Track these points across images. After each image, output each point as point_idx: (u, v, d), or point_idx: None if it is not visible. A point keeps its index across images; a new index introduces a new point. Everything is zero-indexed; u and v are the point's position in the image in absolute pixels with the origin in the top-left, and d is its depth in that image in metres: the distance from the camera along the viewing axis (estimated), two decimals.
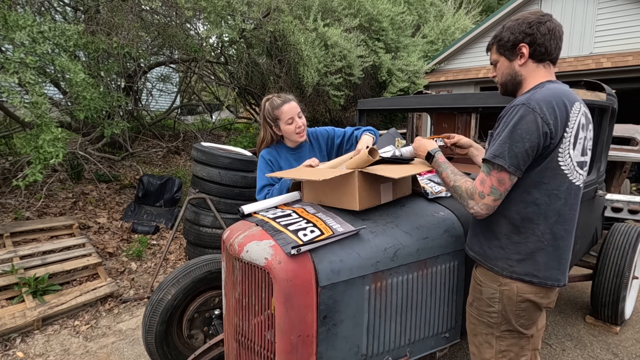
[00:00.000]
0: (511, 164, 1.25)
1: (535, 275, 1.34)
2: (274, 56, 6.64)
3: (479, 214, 1.34)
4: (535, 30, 1.32)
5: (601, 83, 2.40)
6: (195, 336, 2.22)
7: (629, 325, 2.97)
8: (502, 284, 1.38)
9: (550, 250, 1.33)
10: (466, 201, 1.36)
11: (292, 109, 1.98)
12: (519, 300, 1.36)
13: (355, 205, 1.54)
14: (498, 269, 1.39)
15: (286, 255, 1.32)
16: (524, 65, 1.38)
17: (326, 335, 1.38)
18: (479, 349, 1.49)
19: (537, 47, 1.33)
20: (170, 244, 3.83)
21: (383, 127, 10.65)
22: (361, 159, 1.52)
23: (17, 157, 4.46)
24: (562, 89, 1.32)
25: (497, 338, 1.43)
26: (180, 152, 7.22)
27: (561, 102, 1.26)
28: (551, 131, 1.24)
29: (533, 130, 1.23)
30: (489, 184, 1.31)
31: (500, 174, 1.29)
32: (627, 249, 2.70)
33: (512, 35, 1.36)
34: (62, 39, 3.49)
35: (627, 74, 7.57)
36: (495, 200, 1.31)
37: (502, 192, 1.30)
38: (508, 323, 1.40)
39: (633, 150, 4.59)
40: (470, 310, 1.52)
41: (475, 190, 1.33)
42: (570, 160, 1.29)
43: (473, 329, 1.52)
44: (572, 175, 1.31)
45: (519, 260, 1.35)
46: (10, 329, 2.70)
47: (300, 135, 2.04)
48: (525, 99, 1.28)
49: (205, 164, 3.58)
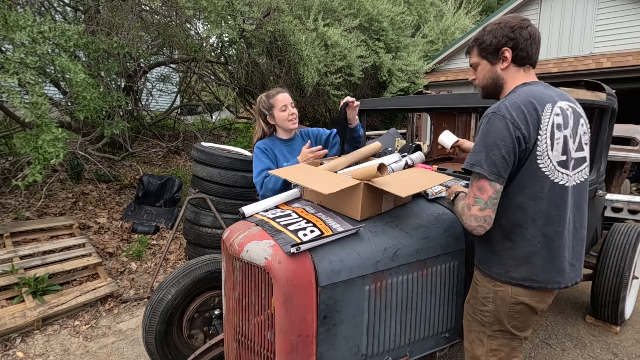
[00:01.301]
0: (491, 172, 1.26)
1: (534, 279, 1.34)
2: (274, 56, 6.64)
3: (471, 227, 1.33)
4: (518, 35, 1.33)
5: (601, 83, 2.40)
6: (195, 336, 2.22)
7: (629, 325, 2.97)
8: (497, 284, 1.40)
9: (544, 252, 1.33)
10: (461, 219, 1.38)
11: (285, 98, 2.15)
12: (513, 302, 1.37)
13: (357, 215, 1.55)
14: (495, 275, 1.40)
15: (286, 255, 1.32)
16: (506, 69, 1.39)
17: (326, 335, 1.38)
18: (471, 345, 1.52)
19: (520, 51, 1.35)
20: (170, 244, 3.83)
21: (383, 127, 10.65)
22: (369, 172, 1.50)
23: (17, 157, 4.46)
24: (534, 91, 1.31)
25: (489, 337, 1.44)
26: (180, 152, 7.22)
27: (530, 106, 1.27)
28: (524, 135, 1.25)
29: (506, 136, 1.24)
30: (472, 194, 1.32)
31: (480, 181, 1.30)
32: (627, 249, 2.70)
33: (495, 39, 1.36)
34: (62, 39, 3.49)
35: (627, 74, 7.57)
36: (481, 210, 1.29)
37: (485, 200, 1.29)
38: (500, 323, 1.41)
39: (633, 150, 4.59)
40: (467, 308, 1.55)
41: (464, 204, 1.36)
42: (550, 161, 1.30)
43: (468, 325, 1.54)
44: (553, 175, 1.31)
45: (514, 266, 1.35)
46: (10, 329, 2.70)
47: (293, 122, 2.18)
48: (495, 107, 1.30)
49: (205, 164, 3.58)
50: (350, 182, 1.48)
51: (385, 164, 1.56)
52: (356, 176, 1.55)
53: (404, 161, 1.91)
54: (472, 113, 4.40)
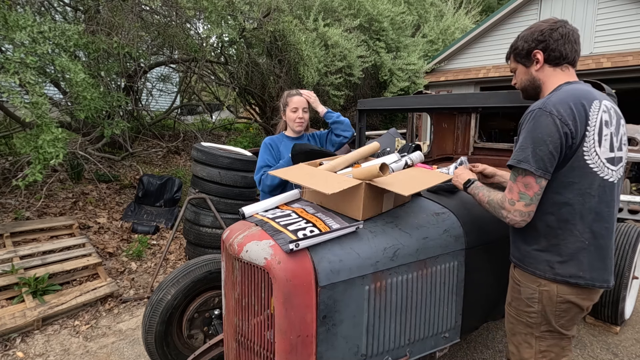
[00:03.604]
0: (538, 167, 1.27)
1: (581, 276, 1.33)
2: (274, 56, 6.64)
3: (514, 221, 1.35)
4: (548, 37, 1.38)
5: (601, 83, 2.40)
6: (195, 336, 2.22)
7: (629, 325, 2.97)
8: (541, 284, 1.38)
9: (592, 249, 1.32)
10: (500, 212, 1.39)
11: (300, 102, 2.36)
12: (559, 301, 1.36)
13: (358, 215, 1.55)
14: (540, 272, 1.38)
15: (286, 255, 1.32)
16: (540, 70, 1.44)
17: (326, 335, 1.38)
18: (518, 348, 1.49)
19: (551, 52, 1.39)
20: (170, 244, 3.83)
21: (383, 127, 10.65)
22: (370, 172, 1.50)
23: (17, 157, 4.46)
24: (580, 89, 1.33)
25: (537, 338, 1.43)
26: (180, 152, 7.22)
27: (578, 102, 1.28)
28: (571, 131, 1.26)
29: (553, 131, 1.25)
30: (516, 190, 1.33)
31: (526, 178, 1.30)
32: (627, 249, 2.70)
33: (526, 43, 1.43)
34: (62, 39, 3.49)
35: (627, 74, 7.57)
36: (526, 206, 1.32)
37: (531, 196, 1.30)
38: (548, 324, 1.39)
39: (633, 150, 4.58)
40: (509, 310, 1.53)
41: (505, 198, 1.36)
42: (598, 157, 1.30)
43: (512, 328, 1.52)
44: (602, 172, 1.31)
45: (561, 262, 1.34)
46: (10, 329, 2.70)
47: (298, 125, 2.38)
48: (541, 103, 1.31)
49: (205, 164, 3.58)
50: (352, 182, 1.48)
51: (387, 164, 1.56)
52: (358, 176, 1.55)
53: (404, 161, 1.91)
54: (472, 113, 4.40)
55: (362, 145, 2.46)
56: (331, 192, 1.38)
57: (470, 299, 1.83)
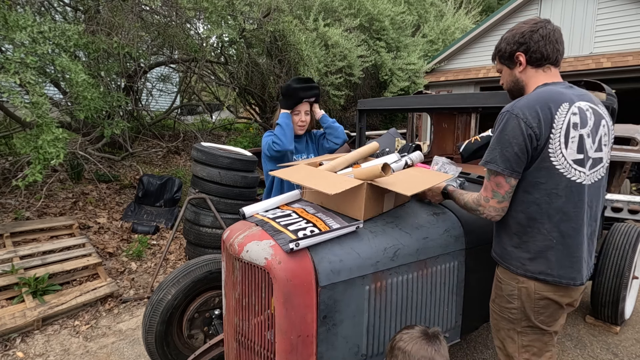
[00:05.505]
0: (505, 167, 1.33)
1: (549, 274, 1.37)
2: (274, 56, 6.63)
3: (490, 216, 1.42)
4: (528, 39, 1.40)
5: (601, 83, 2.39)
6: (195, 336, 2.22)
7: (629, 325, 2.97)
8: (520, 281, 1.42)
9: (560, 248, 1.36)
10: (477, 209, 1.46)
11: (303, 105, 2.44)
12: (537, 298, 1.40)
13: (360, 215, 1.55)
14: (513, 267, 1.44)
15: (286, 255, 1.32)
16: (523, 72, 1.47)
17: (326, 335, 1.38)
18: (503, 343, 1.54)
19: (533, 54, 1.42)
20: (170, 244, 3.83)
21: (383, 127, 10.65)
22: (372, 173, 1.50)
23: (17, 157, 4.46)
24: (551, 91, 1.35)
25: (519, 333, 1.47)
26: (180, 152, 7.22)
27: (545, 105, 1.31)
28: (535, 133, 1.30)
29: (518, 134, 1.30)
30: (490, 188, 1.40)
31: (497, 177, 1.37)
32: (627, 249, 2.70)
33: (508, 46, 1.47)
34: (62, 39, 3.49)
35: (627, 74, 7.57)
36: (499, 202, 1.39)
37: (503, 194, 1.37)
38: (528, 319, 1.44)
39: (633, 150, 4.58)
40: (493, 306, 1.58)
41: (481, 196, 1.43)
42: (564, 158, 1.32)
43: (496, 324, 1.57)
44: (569, 173, 1.33)
45: (530, 259, 1.39)
46: (10, 329, 2.70)
47: (300, 128, 2.47)
48: (510, 106, 1.36)
49: (205, 164, 3.58)
50: (354, 183, 1.48)
51: (389, 164, 1.56)
52: (360, 176, 1.54)
53: (404, 161, 1.91)
54: (472, 113, 4.40)
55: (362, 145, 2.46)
56: (334, 192, 1.38)
57: (470, 299, 1.84)
